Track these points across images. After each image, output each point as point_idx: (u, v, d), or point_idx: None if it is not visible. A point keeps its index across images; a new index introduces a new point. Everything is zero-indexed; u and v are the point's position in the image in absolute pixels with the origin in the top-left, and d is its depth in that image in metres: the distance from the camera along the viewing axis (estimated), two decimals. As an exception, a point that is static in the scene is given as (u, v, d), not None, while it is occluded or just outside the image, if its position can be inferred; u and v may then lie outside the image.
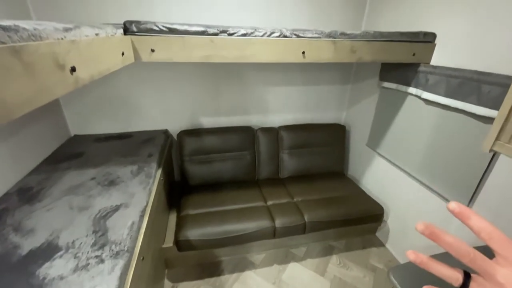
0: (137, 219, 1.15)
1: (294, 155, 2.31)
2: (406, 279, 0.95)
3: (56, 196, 1.26)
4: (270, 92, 2.28)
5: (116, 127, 2.07)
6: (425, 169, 1.64)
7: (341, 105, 2.54)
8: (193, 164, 2.09)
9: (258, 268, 1.85)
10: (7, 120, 0.41)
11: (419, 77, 1.59)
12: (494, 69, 1.21)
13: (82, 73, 0.66)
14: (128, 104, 2.03)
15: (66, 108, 1.93)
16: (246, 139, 2.20)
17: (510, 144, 0.57)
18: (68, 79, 0.60)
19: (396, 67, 1.77)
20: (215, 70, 2.08)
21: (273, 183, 2.22)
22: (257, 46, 1.23)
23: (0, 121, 0.40)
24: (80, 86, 0.65)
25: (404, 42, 1.46)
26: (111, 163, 1.58)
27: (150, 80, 1.99)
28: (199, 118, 2.24)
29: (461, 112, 1.37)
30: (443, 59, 1.50)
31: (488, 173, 1.28)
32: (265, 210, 1.86)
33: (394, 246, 2.02)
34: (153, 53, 1.15)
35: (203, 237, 1.63)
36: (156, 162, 1.62)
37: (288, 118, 2.44)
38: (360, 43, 1.37)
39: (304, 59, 1.31)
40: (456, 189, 1.44)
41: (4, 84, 0.41)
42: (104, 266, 0.90)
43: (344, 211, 1.89)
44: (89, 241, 1.00)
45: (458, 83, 1.35)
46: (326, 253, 2.00)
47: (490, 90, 1.19)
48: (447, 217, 1.53)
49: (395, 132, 1.89)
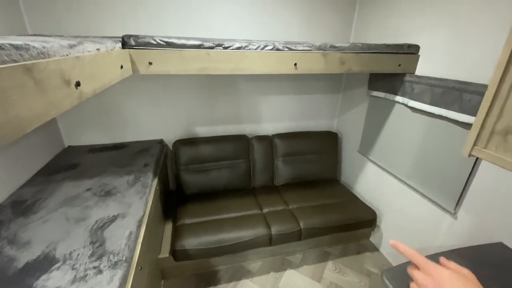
0: (135, 229, 1.15)
1: (288, 162, 2.35)
2: (399, 281, 0.99)
3: (52, 208, 1.25)
4: (264, 101, 2.34)
5: (110, 137, 2.07)
6: (414, 174, 1.71)
7: (332, 113, 2.62)
8: (188, 173, 2.11)
9: (255, 276, 1.85)
10: (21, 134, 0.44)
11: (405, 86, 1.67)
12: (474, 78, 1.29)
13: (86, 88, 0.69)
14: (123, 115, 2.05)
15: (61, 119, 1.93)
16: (241, 148, 2.24)
17: (486, 149, 0.63)
18: (73, 93, 0.63)
19: (383, 77, 1.85)
20: (209, 81, 2.12)
21: (269, 191, 2.24)
22: (251, 59, 1.28)
23: (15, 136, 0.42)
24: (83, 100, 0.67)
25: (390, 54, 1.55)
26: (107, 173, 1.58)
27: (145, 91, 2.01)
28: (194, 127, 2.27)
29: (445, 119, 1.45)
30: (427, 69, 1.58)
31: (472, 177, 1.35)
32: (261, 217, 1.87)
33: (387, 250, 2.06)
34: (150, 66, 1.18)
35: (199, 246, 1.63)
36: (152, 172, 1.63)
37: (281, 126, 2.50)
38: (349, 55, 1.45)
39: (296, 70, 1.36)
40: (443, 193, 1.50)
41: (19, 101, 0.43)
42: (103, 277, 0.91)
43: (338, 217, 1.93)
44: (86, 252, 1.00)
45: (441, 92, 1.43)
46: (322, 259, 2.02)
47: (470, 98, 1.27)
48: (438, 220, 1.59)
49: (385, 138, 1.96)
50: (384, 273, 1.02)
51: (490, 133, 0.62)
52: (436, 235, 1.60)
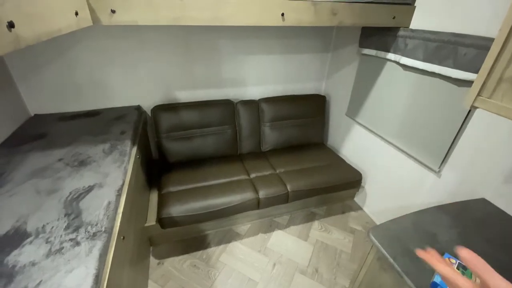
0: (114, 198, 1.08)
1: (275, 128, 2.28)
2: (385, 238, 1.01)
3: (19, 180, 1.15)
4: (248, 61, 2.18)
5: (82, 104, 1.89)
6: (401, 135, 1.70)
7: (321, 75, 2.51)
8: (171, 141, 2.01)
9: (244, 238, 1.89)
10: None
11: (398, 42, 1.58)
12: (471, 30, 1.21)
13: (24, 31, 0.55)
14: (93, 79, 1.84)
15: (21, 84, 1.71)
16: (226, 113, 2.13)
17: (492, 99, 0.58)
18: (6, 36, 0.50)
19: (375, 33, 1.73)
20: (187, 38, 1.92)
21: (256, 157, 2.21)
22: (232, 6, 1.12)
23: None
24: (23, 47, 0.54)
25: (384, 4, 1.42)
26: (80, 142, 1.45)
27: (116, 51, 1.80)
28: (173, 92, 2.11)
29: (437, 76, 1.39)
30: (422, 22, 1.48)
31: (460, 135, 1.35)
32: (249, 182, 1.86)
33: (371, 209, 2.15)
34: (114, 14, 1.01)
35: (186, 213, 1.60)
36: (130, 140, 1.52)
37: (268, 90, 2.38)
38: (341, 5, 1.31)
39: (284, 22, 1.22)
40: (430, 151, 1.51)
41: None
42: (81, 249, 0.85)
43: (324, 179, 1.94)
44: (61, 225, 0.93)
45: (435, 47, 1.35)
46: (308, 220, 2.08)
47: (466, 52, 1.20)
48: (420, 179, 1.62)
49: (373, 100, 1.91)
50: (370, 230, 1.04)
51: (498, 80, 0.56)
52: (419, 194, 1.65)
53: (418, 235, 1.01)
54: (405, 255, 0.93)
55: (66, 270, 0.78)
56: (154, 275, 1.62)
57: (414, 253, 0.90)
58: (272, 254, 1.79)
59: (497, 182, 1.19)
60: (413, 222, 1.08)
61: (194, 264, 1.69)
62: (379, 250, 0.97)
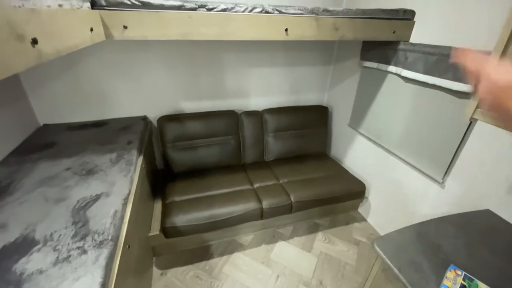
0: (120, 207, 1.10)
1: (278, 138, 2.31)
2: (389, 249, 1.00)
3: (29, 188, 1.17)
4: (252, 74, 2.23)
5: (89, 115, 1.94)
6: (404, 145, 1.71)
7: (323, 87, 2.55)
8: (176, 151, 2.03)
9: (247, 249, 1.87)
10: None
11: (399, 55, 1.62)
12: (470, 44, 1.25)
13: (46, 47, 0.59)
14: (102, 90, 1.90)
15: (32, 95, 1.77)
16: (230, 124, 2.16)
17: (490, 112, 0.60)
18: (29, 51, 0.53)
19: (376, 46, 1.78)
20: (193, 51, 1.98)
21: (259, 166, 2.22)
22: (238, 23, 1.17)
23: None
24: (44, 61, 0.58)
25: (385, 20, 1.47)
26: (87, 152, 1.48)
27: (124, 64, 1.86)
28: (179, 103, 2.16)
29: (438, 89, 1.42)
30: (422, 37, 1.52)
31: (462, 146, 1.36)
32: (252, 192, 1.86)
33: (375, 220, 2.13)
34: (125, 30, 1.06)
35: (190, 222, 1.61)
36: (136, 149, 1.55)
37: (271, 101, 2.42)
38: (343, 20, 1.36)
39: (287, 36, 1.27)
40: (433, 162, 1.52)
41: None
42: (87, 257, 0.86)
43: (328, 189, 1.95)
44: (68, 233, 0.95)
45: (435, 60, 1.38)
46: (312, 231, 2.06)
47: (466, 65, 1.23)
48: (424, 189, 1.62)
49: (376, 111, 1.94)
50: (374, 242, 1.03)
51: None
52: (423, 205, 1.64)
53: (423, 246, 1.00)
54: (410, 266, 0.92)
55: (73, 278, 0.79)
56: (157, 285, 1.60)
57: (419, 264, 0.90)
58: (275, 265, 1.77)
59: (501, 193, 1.19)
60: (417, 233, 1.08)
61: (197, 275, 1.68)
62: (384, 261, 0.97)
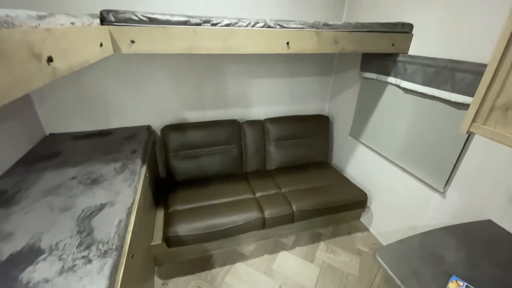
0: (124, 216, 1.11)
1: (280, 147, 2.33)
2: (391, 259, 1.01)
3: (35, 197, 1.19)
4: (254, 84, 2.28)
5: (94, 124, 1.98)
6: (405, 155, 1.72)
7: (324, 96, 2.59)
8: (178, 160, 2.06)
9: (249, 259, 1.87)
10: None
11: (398, 66, 1.65)
12: (467, 57, 1.28)
13: (60, 64, 0.62)
14: (107, 100, 1.94)
15: (39, 105, 1.81)
16: (232, 133, 2.19)
17: (486, 125, 0.62)
18: (45, 69, 0.56)
19: (376, 58, 1.82)
20: (197, 63, 2.03)
21: (261, 175, 2.23)
22: (241, 37, 1.21)
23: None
24: (58, 78, 0.61)
25: (383, 33, 1.51)
26: (92, 161, 1.51)
27: (128, 74, 1.91)
28: (183, 112, 2.19)
29: (437, 100, 1.45)
30: (420, 49, 1.56)
31: (462, 156, 1.37)
32: (254, 202, 1.87)
33: (377, 230, 2.12)
34: (133, 44, 1.10)
35: (192, 232, 1.61)
36: (140, 159, 1.57)
37: (273, 110, 2.45)
38: (342, 34, 1.40)
39: (289, 49, 1.31)
40: (434, 172, 1.52)
41: (-23, 73, 0.37)
42: (92, 266, 0.88)
43: (330, 199, 1.95)
44: (74, 242, 0.96)
45: (433, 72, 1.41)
46: (314, 241, 2.06)
47: (463, 77, 1.26)
48: (426, 199, 1.62)
49: (376, 121, 1.96)
50: (377, 252, 1.04)
51: (490, 108, 0.60)
52: (425, 214, 1.64)
53: (425, 257, 1.01)
54: (412, 277, 0.93)
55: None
56: (158, 296, 1.60)
57: (421, 275, 0.90)
58: (277, 276, 1.76)
59: (502, 204, 1.20)
60: (419, 243, 1.08)
61: (198, 285, 1.67)
62: (386, 272, 0.97)
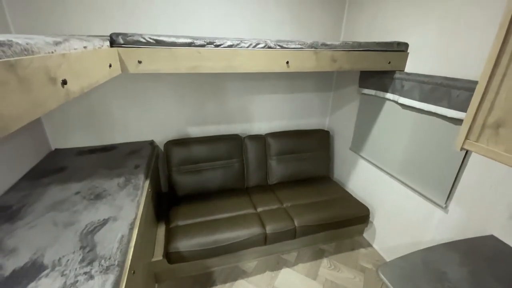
0: (127, 232, 1.12)
1: (281, 161, 2.35)
2: (394, 276, 1.00)
3: (39, 212, 1.21)
4: (256, 100, 2.33)
5: (99, 139, 2.02)
6: (405, 170, 1.74)
7: (324, 112, 2.63)
8: (181, 174, 2.07)
9: (251, 276, 1.84)
10: (4, 134, 0.42)
11: (395, 83, 1.70)
12: (462, 74, 1.32)
13: (73, 86, 0.67)
14: (111, 115, 1.99)
15: (46, 121, 1.86)
16: (234, 147, 2.22)
17: (478, 142, 0.64)
18: (60, 92, 0.60)
19: (374, 75, 1.87)
20: (200, 80, 2.10)
21: (262, 190, 2.24)
22: (243, 57, 1.27)
23: (-2, 135, 0.40)
24: (70, 99, 0.65)
25: (380, 52, 1.56)
26: (96, 176, 1.54)
27: (133, 91, 1.97)
28: (185, 128, 2.24)
29: (434, 115, 1.48)
30: (416, 67, 1.61)
31: (462, 171, 1.38)
32: (256, 217, 1.87)
33: (380, 246, 2.09)
34: (140, 64, 1.15)
35: (193, 247, 1.60)
36: (143, 174, 1.59)
37: (274, 125, 2.50)
38: (340, 53, 1.46)
39: (289, 68, 1.36)
40: (434, 188, 1.53)
41: (2, 99, 0.41)
42: (94, 283, 0.88)
43: (332, 214, 1.94)
44: (76, 258, 0.97)
45: (430, 89, 1.46)
46: (317, 257, 2.03)
47: (459, 94, 1.30)
48: (428, 214, 1.62)
49: (376, 135, 1.99)
50: (379, 268, 1.03)
51: (482, 126, 0.63)
52: (427, 229, 1.63)
53: (428, 273, 1.00)
54: (416, 295, 0.92)
55: (80, 304, 0.80)
56: (158, 314, 1.56)
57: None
58: (279, 293, 1.72)
59: (504, 219, 1.19)
60: (422, 259, 1.07)
61: (199, 303, 1.64)
62: (389, 289, 0.96)
